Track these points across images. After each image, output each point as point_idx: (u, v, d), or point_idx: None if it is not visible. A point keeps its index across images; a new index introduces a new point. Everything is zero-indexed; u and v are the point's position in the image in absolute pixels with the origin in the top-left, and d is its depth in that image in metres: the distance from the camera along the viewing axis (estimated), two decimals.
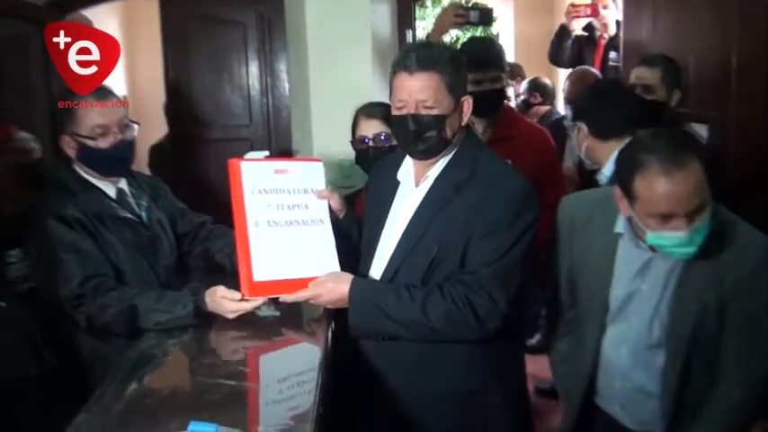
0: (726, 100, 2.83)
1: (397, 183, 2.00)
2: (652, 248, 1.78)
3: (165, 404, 1.57)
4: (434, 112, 1.82)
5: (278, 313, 2.04)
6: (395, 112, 1.88)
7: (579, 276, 1.98)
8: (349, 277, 1.90)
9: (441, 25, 3.29)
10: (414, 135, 1.85)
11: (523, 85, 5.02)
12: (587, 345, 1.96)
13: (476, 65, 2.90)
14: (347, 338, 1.94)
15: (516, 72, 5.41)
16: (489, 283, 1.78)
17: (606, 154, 2.40)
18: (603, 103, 2.48)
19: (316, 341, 1.91)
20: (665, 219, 1.66)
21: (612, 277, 1.89)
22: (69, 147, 2.14)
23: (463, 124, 1.89)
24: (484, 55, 2.91)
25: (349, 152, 2.64)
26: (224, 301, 1.93)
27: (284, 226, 2.00)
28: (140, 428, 1.42)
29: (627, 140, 2.30)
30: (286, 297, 1.92)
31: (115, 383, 1.64)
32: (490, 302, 1.77)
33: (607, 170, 2.42)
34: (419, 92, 1.82)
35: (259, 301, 1.93)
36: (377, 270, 1.96)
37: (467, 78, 1.91)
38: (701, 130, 2.89)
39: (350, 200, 2.62)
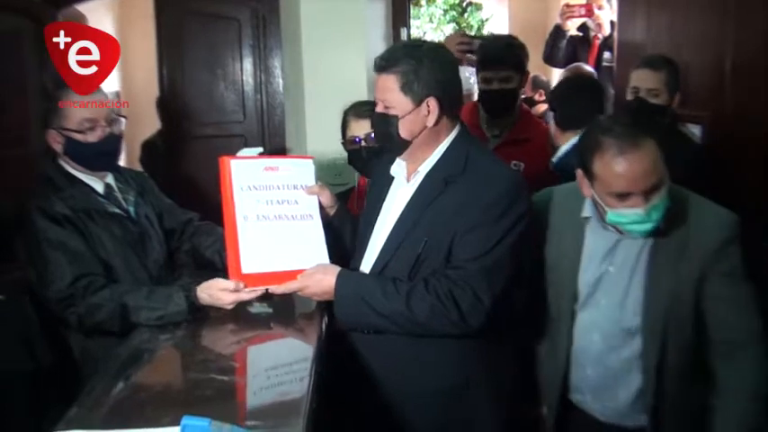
0: (720, 101, 2.84)
1: (392, 178, 2.01)
2: (618, 230, 1.81)
3: (158, 399, 1.57)
4: (392, 111, 1.87)
5: (270, 310, 2.04)
6: None
7: (551, 270, 1.99)
8: (336, 269, 1.91)
9: None
10: (375, 133, 1.96)
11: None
12: (561, 338, 1.97)
13: (487, 63, 2.90)
14: (339, 333, 1.95)
15: None
16: (474, 278, 1.78)
17: (564, 143, 2.61)
18: (568, 96, 2.75)
19: (309, 336, 1.91)
20: (623, 197, 1.72)
21: (581, 263, 1.92)
22: (55, 141, 2.12)
23: (429, 125, 1.88)
24: (497, 54, 2.89)
25: (342, 150, 2.64)
26: (224, 293, 1.93)
27: (273, 220, 2.01)
28: (132, 423, 1.42)
29: None
30: (275, 289, 1.94)
31: (107, 378, 1.64)
32: (474, 298, 1.78)
33: (555, 157, 2.62)
34: (379, 92, 1.90)
35: (257, 291, 1.94)
36: (367, 264, 1.97)
37: (439, 78, 1.87)
38: (695, 131, 2.91)
39: (342, 198, 2.62)
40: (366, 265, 1.97)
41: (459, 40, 3.25)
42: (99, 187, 2.19)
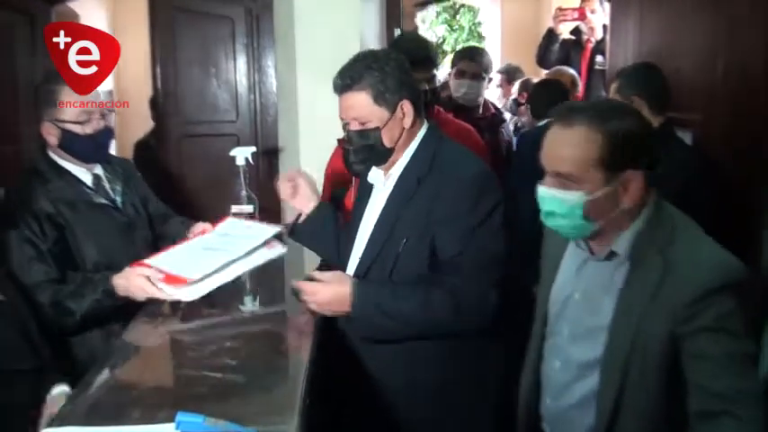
0: (711, 105, 2.85)
1: (372, 185, 2.05)
2: (591, 251, 1.64)
3: (151, 396, 1.57)
4: (370, 125, 1.89)
5: (262, 307, 2.05)
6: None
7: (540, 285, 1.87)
8: (348, 278, 1.90)
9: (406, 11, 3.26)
10: (354, 150, 1.93)
11: (515, 87, 5.08)
12: (530, 361, 1.84)
13: (417, 65, 2.85)
14: (331, 328, 1.96)
15: (514, 76, 5.38)
16: (471, 273, 1.81)
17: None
18: (538, 92, 3.73)
19: (302, 333, 1.92)
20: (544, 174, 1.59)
21: (557, 276, 1.77)
22: (50, 134, 2.14)
23: (406, 127, 1.91)
24: (423, 54, 2.84)
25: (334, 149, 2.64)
26: (138, 277, 1.94)
27: (213, 249, 2.08)
28: (126, 419, 1.42)
29: None
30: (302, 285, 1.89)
31: (101, 374, 1.64)
32: (479, 291, 1.81)
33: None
34: (350, 111, 1.91)
35: (165, 291, 1.93)
36: (351, 269, 2.00)
37: (403, 80, 1.90)
38: (686, 136, 2.93)
39: (341, 195, 2.63)
40: (350, 270, 2.00)
41: None
42: (87, 179, 2.22)
